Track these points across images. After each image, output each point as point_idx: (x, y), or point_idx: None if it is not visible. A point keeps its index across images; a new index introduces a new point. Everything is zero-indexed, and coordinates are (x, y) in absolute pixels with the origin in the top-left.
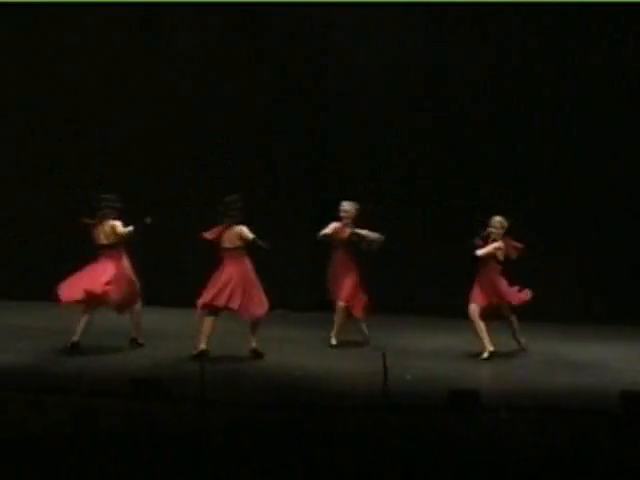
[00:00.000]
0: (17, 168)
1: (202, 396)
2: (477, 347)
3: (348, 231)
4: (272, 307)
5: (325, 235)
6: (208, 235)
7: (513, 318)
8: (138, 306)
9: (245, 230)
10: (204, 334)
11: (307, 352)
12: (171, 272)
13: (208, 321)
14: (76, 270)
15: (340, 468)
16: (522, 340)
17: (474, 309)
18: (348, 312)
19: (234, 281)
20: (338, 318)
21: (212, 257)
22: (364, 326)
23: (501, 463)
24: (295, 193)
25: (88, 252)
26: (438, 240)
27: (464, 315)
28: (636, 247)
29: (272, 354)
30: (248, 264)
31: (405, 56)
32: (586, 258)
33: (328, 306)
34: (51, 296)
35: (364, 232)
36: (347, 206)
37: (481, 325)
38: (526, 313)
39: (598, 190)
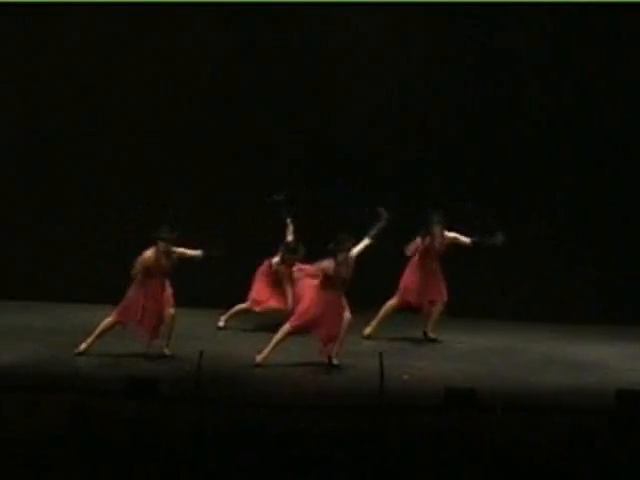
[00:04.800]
0: (17, 167)
1: (199, 396)
2: (476, 345)
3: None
4: None
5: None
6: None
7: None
8: None
9: None
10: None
11: (305, 351)
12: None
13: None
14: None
15: (337, 468)
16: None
17: None
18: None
19: None
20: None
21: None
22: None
23: (498, 462)
24: (296, 193)
25: (88, 251)
26: None
27: (462, 314)
28: (634, 246)
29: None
30: None
31: (405, 55)
32: (584, 259)
33: None
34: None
35: None
36: None
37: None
38: (527, 313)
39: (596, 190)
